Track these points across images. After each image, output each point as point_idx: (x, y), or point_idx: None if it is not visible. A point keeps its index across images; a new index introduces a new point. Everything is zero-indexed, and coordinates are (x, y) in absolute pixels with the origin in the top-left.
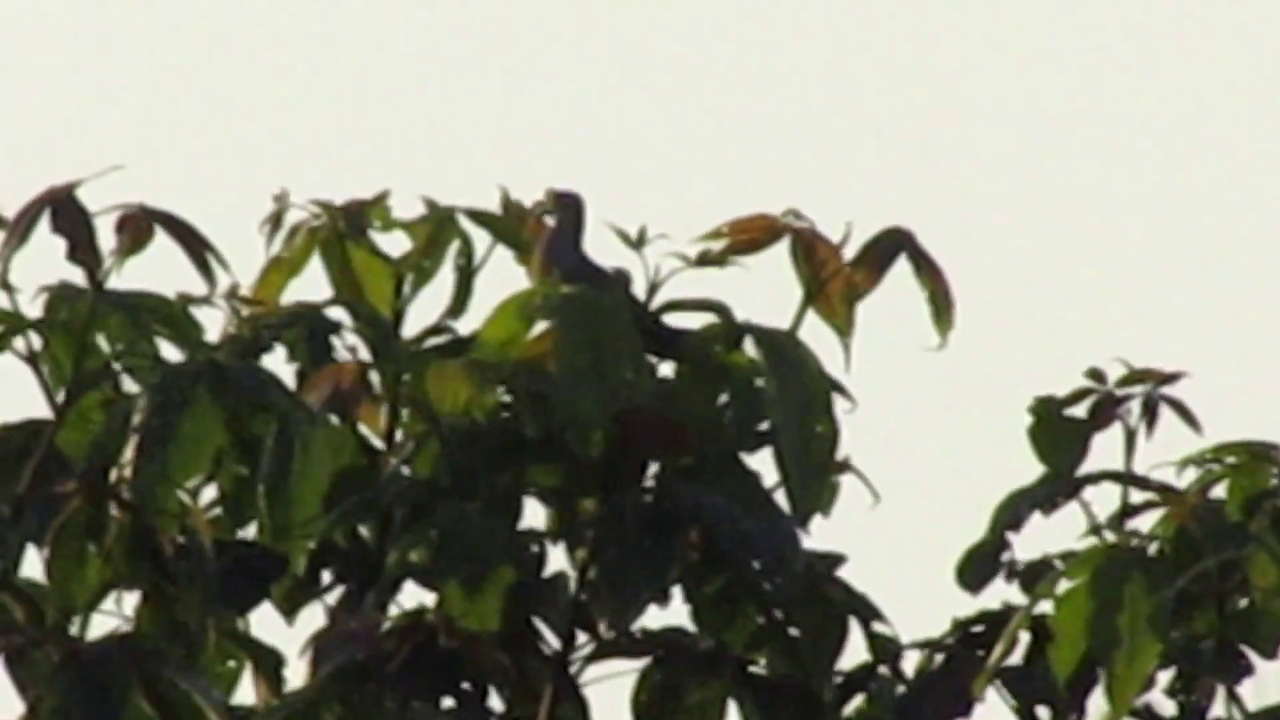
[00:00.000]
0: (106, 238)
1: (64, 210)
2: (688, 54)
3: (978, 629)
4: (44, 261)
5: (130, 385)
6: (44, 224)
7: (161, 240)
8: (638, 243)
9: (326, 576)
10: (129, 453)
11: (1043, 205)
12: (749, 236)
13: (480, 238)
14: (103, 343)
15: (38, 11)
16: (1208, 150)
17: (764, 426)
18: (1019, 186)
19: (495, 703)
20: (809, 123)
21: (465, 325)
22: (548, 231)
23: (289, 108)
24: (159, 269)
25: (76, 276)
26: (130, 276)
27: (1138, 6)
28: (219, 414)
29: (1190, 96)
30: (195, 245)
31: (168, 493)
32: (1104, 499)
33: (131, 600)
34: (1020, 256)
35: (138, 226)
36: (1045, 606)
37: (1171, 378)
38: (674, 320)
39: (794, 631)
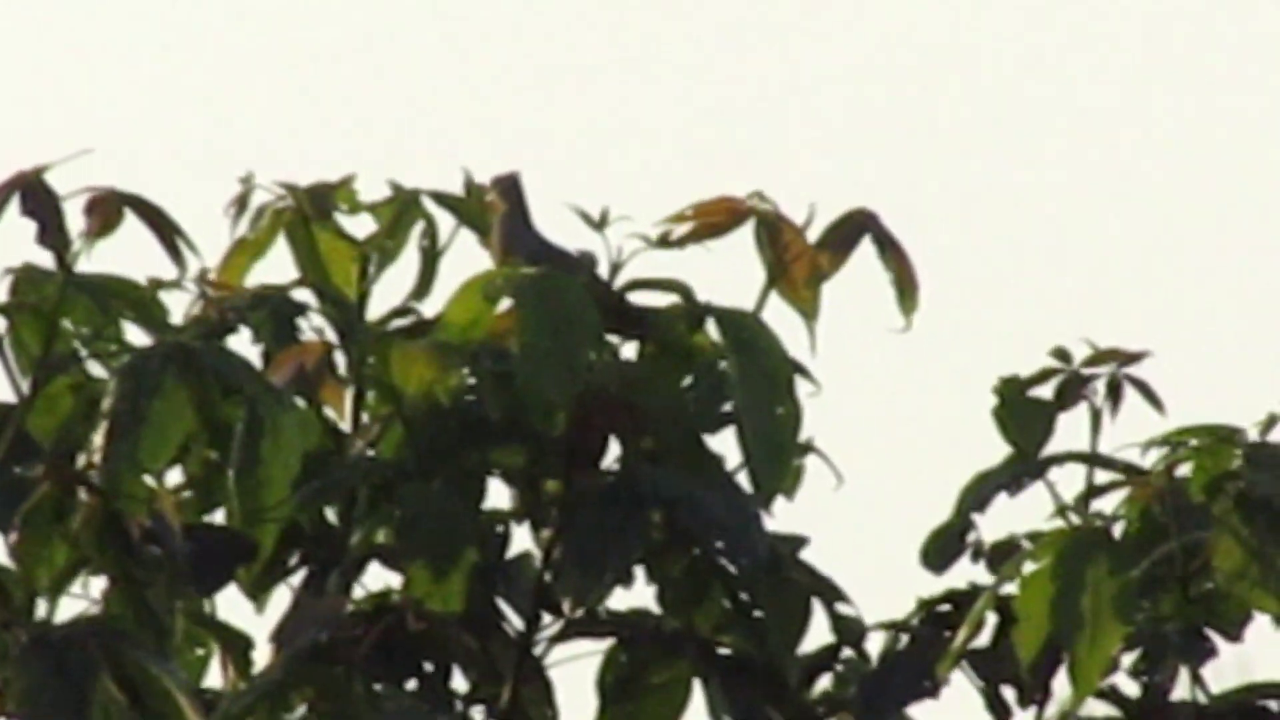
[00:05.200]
0: (75, 222)
1: (33, 193)
2: (656, 37)
3: (944, 609)
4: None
5: (97, 370)
6: (10, 209)
7: (127, 224)
8: (600, 224)
9: (293, 560)
10: (98, 437)
11: (1005, 186)
12: (713, 219)
13: (445, 220)
14: (68, 326)
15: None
16: (1168, 131)
17: (727, 408)
18: (982, 167)
19: (459, 683)
20: (776, 106)
21: (430, 307)
22: (500, 214)
23: (256, 91)
24: (124, 253)
25: (41, 260)
26: (95, 261)
27: None
28: (188, 398)
29: (1145, 79)
30: (165, 229)
31: (136, 477)
32: (1070, 480)
33: (99, 584)
34: (984, 237)
35: (107, 209)
36: (1012, 588)
37: (1136, 357)
38: (637, 301)
39: (758, 613)
